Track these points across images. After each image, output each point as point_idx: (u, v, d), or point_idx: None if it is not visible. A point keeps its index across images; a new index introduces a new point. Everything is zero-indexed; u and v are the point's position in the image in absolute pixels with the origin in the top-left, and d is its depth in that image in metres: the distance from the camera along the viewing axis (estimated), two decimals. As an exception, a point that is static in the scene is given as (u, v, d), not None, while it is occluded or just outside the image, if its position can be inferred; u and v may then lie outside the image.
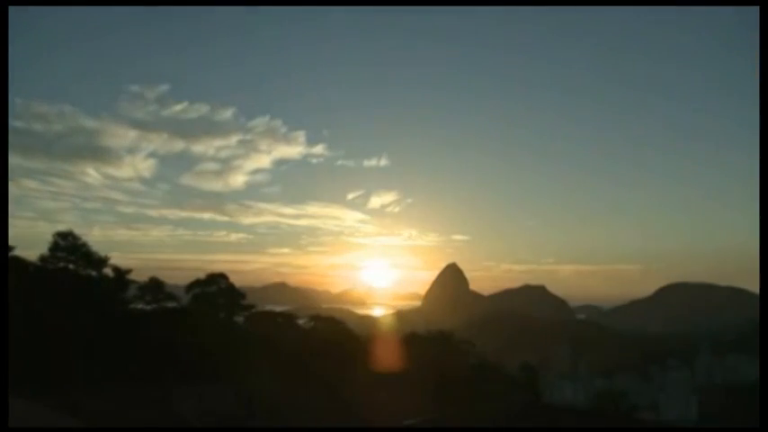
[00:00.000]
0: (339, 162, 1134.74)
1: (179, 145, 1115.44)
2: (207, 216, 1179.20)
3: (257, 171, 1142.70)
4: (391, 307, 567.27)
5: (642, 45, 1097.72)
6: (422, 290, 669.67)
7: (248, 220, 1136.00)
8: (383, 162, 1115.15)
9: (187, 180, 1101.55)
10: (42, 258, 45.33)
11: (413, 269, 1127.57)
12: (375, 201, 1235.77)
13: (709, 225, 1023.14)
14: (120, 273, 49.61)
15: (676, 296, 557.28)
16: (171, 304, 53.33)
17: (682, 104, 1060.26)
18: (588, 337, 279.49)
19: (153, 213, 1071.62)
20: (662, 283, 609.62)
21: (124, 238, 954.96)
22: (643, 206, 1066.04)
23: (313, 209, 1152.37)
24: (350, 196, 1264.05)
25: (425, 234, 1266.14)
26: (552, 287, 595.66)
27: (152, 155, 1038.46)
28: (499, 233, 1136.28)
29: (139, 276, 52.53)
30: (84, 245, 46.80)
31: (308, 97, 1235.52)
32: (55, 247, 45.81)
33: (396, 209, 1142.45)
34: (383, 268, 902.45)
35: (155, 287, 53.07)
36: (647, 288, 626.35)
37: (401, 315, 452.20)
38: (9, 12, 24.57)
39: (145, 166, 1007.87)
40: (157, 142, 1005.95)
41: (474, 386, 56.56)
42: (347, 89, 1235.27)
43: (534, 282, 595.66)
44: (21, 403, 22.64)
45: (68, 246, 46.16)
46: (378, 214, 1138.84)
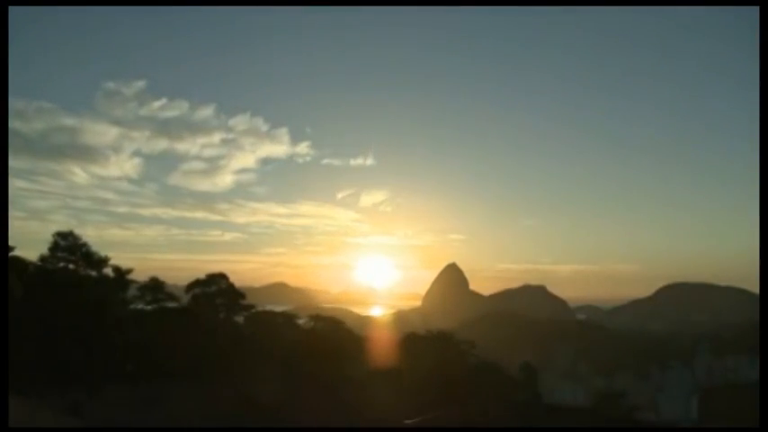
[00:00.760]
0: (325, 161, 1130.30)
1: (162, 143, 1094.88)
2: (199, 215, 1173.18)
3: (244, 170, 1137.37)
4: (391, 307, 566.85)
5: (642, 45, 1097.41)
6: (421, 290, 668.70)
7: (242, 220, 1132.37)
8: (369, 161, 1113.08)
9: (175, 180, 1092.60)
10: (42, 258, 45.27)
11: (412, 269, 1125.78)
12: (366, 200, 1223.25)
13: (709, 225, 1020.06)
14: (120, 273, 49.57)
15: (676, 296, 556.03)
16: (171, 304, 53.35)
17: (681, 104, 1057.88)
18: (588, 337, 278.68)
19: (145, 213, 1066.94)
20: (662, 283, 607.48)
21: (118, 238, 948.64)
22: (643, 206, 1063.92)
23: (305, 208, 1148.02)
24: (340, 195, 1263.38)
25: (422, 233, 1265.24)
26: (552, 287, 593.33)
27: (136, 154, 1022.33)
28: (498, 233, 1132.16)
29: (137, 276, 52.56)
30: (84, 245, 46.73)
31: (289, 95, 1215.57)
32: (55, 247, 45.77)
33: (388, 208, 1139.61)
34: (382, 268, 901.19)
35: (155, 287, 53.10)
36: (648, 288, 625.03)
37: (401, 315, 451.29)
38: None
39: (131, 166, 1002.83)
40: (140, 141, 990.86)
41: (474, 386, 56.55)
42: (328, 87, 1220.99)
43: (534, 282, 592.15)
44: (21, 403, 22.64)
45: (69, 246, 46.10)
46: (371, 213, 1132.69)
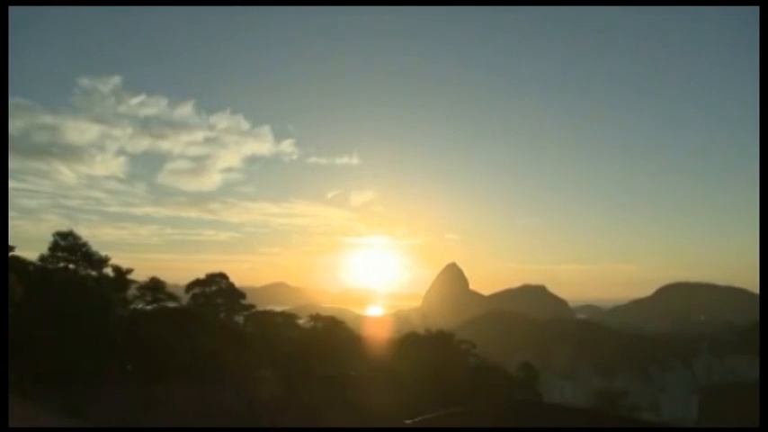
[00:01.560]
0: (311, 159, 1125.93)
1: (145, 142, 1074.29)
2: (192, 214, 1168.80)
3: (230, 170, 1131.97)
4: (391, 307, 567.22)
5: (641, 45, 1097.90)
6: (421, 289, 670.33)
7: (235, 219, 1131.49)
8: (355, 160, 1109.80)
9: (163, 179, 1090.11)
10: (42, 258, 45.28)
11: (411, 269, 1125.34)
12: (356, 199, 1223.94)
13: (709, 225, 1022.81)
14: (120, 273, 49.58)
15: (676, 296, 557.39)
16: (171, 304, 53.33)
17: (681, 104, 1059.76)
18: (588, 337, 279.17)
19: (137, 212, 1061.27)
20: (662, 283, 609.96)
21: (113, 238, 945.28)
22: (643, 206, 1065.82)
23: (298, 207, 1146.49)
24: (329, 195, 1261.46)
25: (417, 233, 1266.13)
26: (552, 287, 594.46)
27: (121, 152, 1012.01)
28: (496, 232, 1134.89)
29: (134, 276, 52.50)
30: (84, 245, 46.75)
31: (269, 92, 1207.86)
32: (55, 247, 45.77)
33: (378, 207, 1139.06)
34: (380, 267, 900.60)
35: (155, 287, 53.09)
36: (648, 288, 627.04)
37: (401, 315, 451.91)
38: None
39: (117, 165, 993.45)
40: (123, 139, 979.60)
41: (474, 386, 56.54)
42: (309, 84, 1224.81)
43: (534, 282, 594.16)
44: (21, 403, 22.64)
45: (69, 245, 46.10)
46: (363, 212, 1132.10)
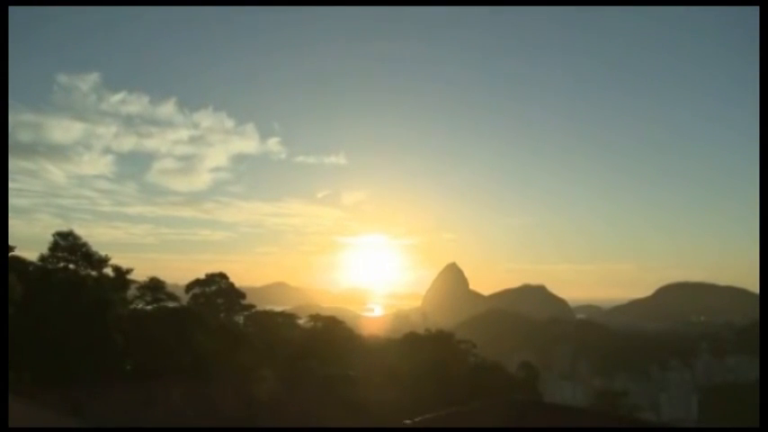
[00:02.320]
0: (299, 158, 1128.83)
1: (130, 140, 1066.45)
2: (187, 214, 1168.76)
3: (219, 169, 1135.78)
4: (391, 306, 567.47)
5: (641, 44, 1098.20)
6: (421, 289, 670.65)
7: (229, 218, 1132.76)
8: (342, 159, 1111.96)
9: (152, 178, 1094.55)
10: (42, 258, 45.29)
11: (411, 269, 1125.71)
12: (348, 198, 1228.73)
13: (709, 225, 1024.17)
14: (120, 273, 49.59)
15: (676, 296, 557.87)
16: (171, 304, 53.33)
17: (681, 104, 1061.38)
18: (588, 337, 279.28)
19: (130, 211, 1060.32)
20: (662, 283, 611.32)
21: (107, 237, 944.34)
22: (643, 206, 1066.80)
23: (291, 206, 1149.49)
24: (320, 195, 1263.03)
25: (413, 233, 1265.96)
26: (552, 287, 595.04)
27: (107, 151, 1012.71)
28: (498, 233, 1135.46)
29: (132, 276, 52.42)
30: (84, 245, 46.71)
31: (251, 89, 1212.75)
32: (55, 247, 45.78)
33: (370, 207, 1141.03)
34: (381, 267, 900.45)
35: (155, 287, 53.09)
36: (648, 288, 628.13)
37: (401, 315, 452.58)
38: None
39: (105, 164, 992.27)
40: (107, 137, 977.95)
41: (474, 386, 56.50)
42: (293, 82, 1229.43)
43: (534, 282, 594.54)
44: (21, 403, 22.64)
45: (69, 245, 46.11)
46: (356, 212, 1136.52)
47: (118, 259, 49.63)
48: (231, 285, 60.88)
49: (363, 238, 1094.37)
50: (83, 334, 41.15)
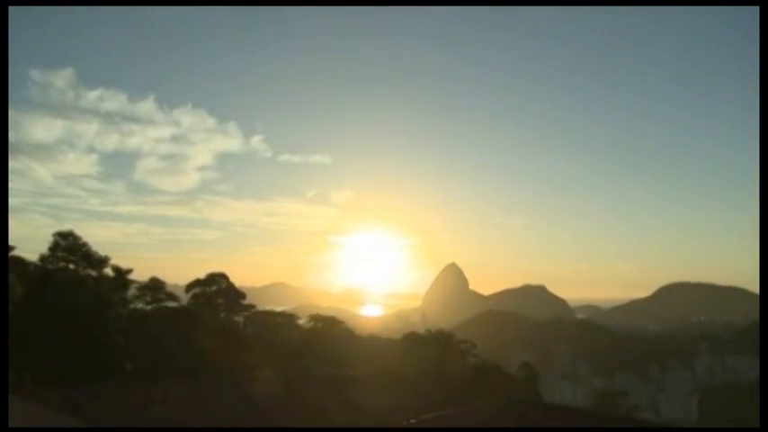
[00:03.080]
0: (284, 157, 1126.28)
1: (112, 138, 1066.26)
2: (177, 213, 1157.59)
3: (204, 168, 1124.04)
4: (391, 306, 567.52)
5: (642, 44, 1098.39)
6: (421, 289, 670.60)
7: (220, 218, 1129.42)
8: (328, 158, 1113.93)
9: (139, 176, 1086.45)
10: (42, 258, 45.30)
11: (411, 268, 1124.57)
12: (337, 197, 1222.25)
13: (709, 225, 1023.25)
14: (120, 272, 49.61)
15: (676, 296, 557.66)
16: (171, 304, 53.33)
17: (681, 104, 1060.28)
18: (588, 337, 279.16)
19: (121, 210, 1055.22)
20: (662, 283, 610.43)
21: (101, 238, 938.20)
22: (643, 206, 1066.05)
23: (281, 206, 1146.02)
24: (309, 194, 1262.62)
25: (410, 233, 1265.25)
26: (552, 287, 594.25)
27: (91, 150, 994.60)
28: (497, 232, 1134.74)
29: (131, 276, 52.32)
30: (84, 245, 46.74)
31: (231, 87, 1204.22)
32: (55, 247, 45.78)
33: (363, 205, 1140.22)
34: (380, 267, 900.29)
35: (155, 287, 53.09)
36: (647, 288, 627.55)
37: (401, 315, 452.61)
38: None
39: (89, 163, 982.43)
40: (89, 136, 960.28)
41: (474, 386, 56.51)
42: (275, 81, 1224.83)
43: (534, 282, 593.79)
44: (21, 403, 22.63)
45: (69, 245, 46.11)
46: (348, 210, 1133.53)
47: (114, 259, 49.64)
48: (231, 285, 60.90)
49: (361, 237, 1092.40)
50: (83, 334, 41.14)
